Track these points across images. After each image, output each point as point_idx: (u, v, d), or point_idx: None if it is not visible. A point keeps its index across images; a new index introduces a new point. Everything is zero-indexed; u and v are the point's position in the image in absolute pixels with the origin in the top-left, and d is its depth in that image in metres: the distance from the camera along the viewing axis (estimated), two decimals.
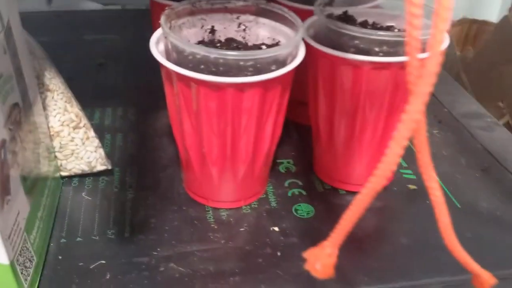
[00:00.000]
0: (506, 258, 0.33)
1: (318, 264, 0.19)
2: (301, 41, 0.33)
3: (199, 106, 0.31)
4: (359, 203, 0.18)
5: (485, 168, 0.41)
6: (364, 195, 0.18)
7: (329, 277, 0.19)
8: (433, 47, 0.16)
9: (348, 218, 0.18)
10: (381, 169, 0.17)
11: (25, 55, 0.32)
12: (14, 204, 0.28)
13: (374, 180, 0.17)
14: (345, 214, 0.19)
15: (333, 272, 0.19)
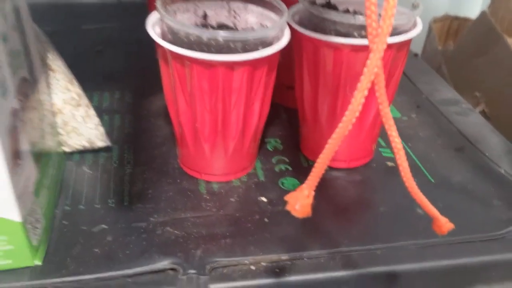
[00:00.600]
0: (473, 224, 0.36)
1: (298, 205, 0.22)
2: (286, 25, 0.36)
3: (192, 84, 0.34)
4: (329, 150, 0.21)
5: (459, 148, 0.45)
6: (334, 140, 0.21)
7: (307, 215, 0.22)
8: (386, 13, 0.19)
9: (321, 163, 0.21)
10: (347, 116, 0.20)
11: (31, 36, 0.35)
12: (25, 168, 0.30)
13: (342, 125, 0.20)
14: (318, 160, 0.21)
15: (310, 211, 0.22)
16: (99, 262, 0.32)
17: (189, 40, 0.34)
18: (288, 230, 0.35)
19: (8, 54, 0.29)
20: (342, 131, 0.21)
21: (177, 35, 0.34)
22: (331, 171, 0.41)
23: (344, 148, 0.41)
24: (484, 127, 0.48)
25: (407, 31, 0.37)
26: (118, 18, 0.66)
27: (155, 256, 0.32)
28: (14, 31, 0.30)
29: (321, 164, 0.21)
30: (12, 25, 0.30)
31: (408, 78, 0.56)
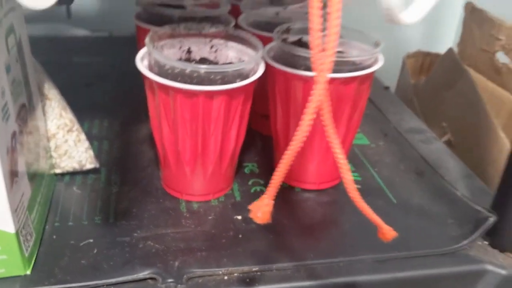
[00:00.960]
0: (428, 240, 0.40)
1: (259, 213, 0.25)
2: (262, 60, 0.40)
3: (176, 111, 0.38)
4: (284, 163, 0.24)
5: (420, 172, 0.49)
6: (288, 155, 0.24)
7: (267, 221, 0.26)
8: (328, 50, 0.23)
9: (278, 175, 0.25)
10: (298, 134, 0.24)
11: (31, 67, 0.38)
12: (20, 185, 0.34)
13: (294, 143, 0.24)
14: (275, 172, 0.25)
15: (270, 218, 0.26)
16: (85, 272, 0.35)
17: (174, 72, 0.38)
18: (259, 245, 0.38)
19: (11, 83, 0.32)
20: (293, 149, 0.24)
21: (163, 68, 0.38)
22: (303, 193, 0.45)
23: (313, 172, 0.45)
24: (445, 154, 0.52)
25: (369, 66, 0.41)
26: (108, 52, 0.70)
27: (137, 267, 0.35)
28: (16, 62, 0.34)
29: (277, 177, 0.25)
30: (14, 57, 0.34)
31: (378, 108, 0.61)
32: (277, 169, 0.25)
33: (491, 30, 0.76)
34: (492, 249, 0.40)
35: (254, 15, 0.50)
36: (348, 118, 0.42)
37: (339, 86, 0.39)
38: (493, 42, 0.75)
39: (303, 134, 0.24)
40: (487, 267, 0.38)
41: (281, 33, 0.43)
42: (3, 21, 0.31)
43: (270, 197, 0.25)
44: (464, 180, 0.48)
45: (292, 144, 0.24)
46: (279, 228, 0.40)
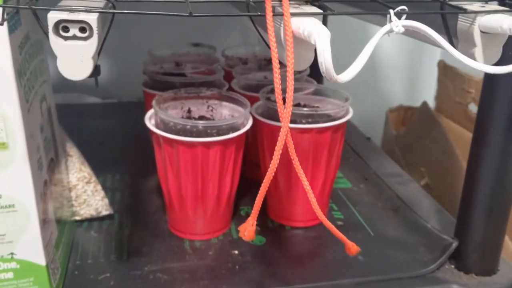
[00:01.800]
0: (401, 266, 0.45)
1: (246, 232, 0.31)
2: (250, 115, 0.48)
3: (179, 161, 0.45)
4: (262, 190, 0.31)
5: (395, 209, 0.55)
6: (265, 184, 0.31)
7: (252, 239, 0.32)
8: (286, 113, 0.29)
9: (258, 200, 0.31)
10: (272, 163, 0.30)
11: (57, 129, 0.46)
12: (50, 226, 0.40)
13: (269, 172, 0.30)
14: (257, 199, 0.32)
15: (254, 237, 0.32)
16: None
17: (177, 128, 0.45)
18: (254, 274, 0.44)
19: (44, 140, 0.40)
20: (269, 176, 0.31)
21: (167, 125, 0.46)
22: (292, 230, 0.51)
23: (300, 211, 0.51)
24: (419, 193, 0.59)
25: (341, 117, 0.48)
26: (117, 115, 0.79)
27: None
28: (47, 124, 0.41)
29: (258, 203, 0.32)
30: (46, 120, 0.41)
31: (360, 157, 0.68)
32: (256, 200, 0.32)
33: (463, 84, 0.84)
34: (457, 271, 0.45)
35: (245, 79, 0.58)
36: (326, 163, 0.49)
37: (316, 135, 0.47)
38: (465, 95, 0.84)
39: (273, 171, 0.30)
40: (453, 287, 0.44)
41: (266, 93, 0.51)
42: (38, 91, 0.39)
43: (253, 218, 0.32)
44: (435, 215, 0.54)
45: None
46: (271, 259, 0.46)
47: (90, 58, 0.26)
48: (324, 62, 0.25)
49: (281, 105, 0.29)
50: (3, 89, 0.32)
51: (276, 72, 0.28)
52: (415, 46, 1.04)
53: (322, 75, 0.25)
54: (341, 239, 0.34)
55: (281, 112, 0.29)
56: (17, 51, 0.33)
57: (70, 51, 0.26)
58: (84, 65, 0.26)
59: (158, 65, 0.60)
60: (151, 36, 0.84)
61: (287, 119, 0.29)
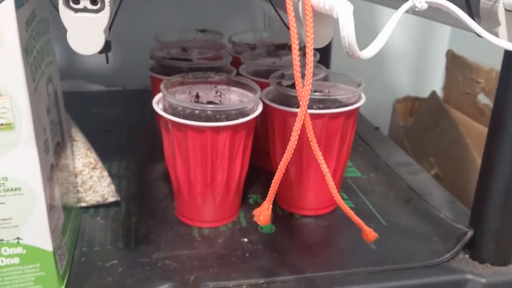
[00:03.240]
0: (415, 255, 0.44)
1: (261, 216, 0.30)
2: (260, 101, 0.47)
3: (188, 146, 0.44)
4: (279, 172, 0.30)
5: (407, 199, 0.54)
6: (282, 166, 0.30)
7: (267, 223, 0.31)
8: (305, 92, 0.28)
9: (274, 183, 0.30)
10: (290, 144, 0.29)
11: (63, 113, 0.45)
12: (56, 211, 0.39)
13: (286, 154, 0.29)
14: (273, 181, 0.31)
15: (270, 221, 0.31)
16: (112, 287, 0.39)
17: (185, 113, 0.44)
18: (264, 262, 0.43)
19: (50, 123, 0.39)
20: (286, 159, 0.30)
21: (176, 110, 0.44)
22: (302, 218, 0.50)
23: (311, 199, 0.50)
24: (430, 183, 0.58)
25: (353, 103, 0.47)
26: (122, 103, 0.78)
27: (157, 281, 0.40)
28: (53, 107, 0.40)
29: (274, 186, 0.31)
30: (52, 102, 0.40)
31: (369, 146, 0.67)
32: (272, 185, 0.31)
33: (471, 74, 0.83)
34: (472, 261, 0.44)
35: (253, 65, 0.57)
36: (338, 150, 0.48)
37: (328, 121, 0.46)
38: (474, 85, 0.82)
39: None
40: (468, 276, 0.43)
41: (277, 78, 0.50)
42: (45, 71, 0.38)
43: (269, 202, 0.31)
44: (447, 205, 0.53)
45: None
46: (282, 248, 0.45)
47: (101, 31, 0.25)
48: (347, 36, 0.24)
49: (300, 82, 0.28)
50: (10, 67, 0.31)
51: (295, 48, 0.26)
52: (422, 36, 1.03)
53: (344, 50, 0.24)
54: (359, 225, 0.33)
55: (299, 90, 0.28)
56: (23, 28, 0.32)
57: (81, 23, 0.25)
58: (95, 39, 0.25)
59: (165, 50, 0.59)
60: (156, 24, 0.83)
61: (306, 98, 0.28)
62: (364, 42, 0.27)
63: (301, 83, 0.28)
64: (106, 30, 0.25)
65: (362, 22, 0.73)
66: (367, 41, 0.27)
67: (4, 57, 0.31)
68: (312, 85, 0.52)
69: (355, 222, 0.33)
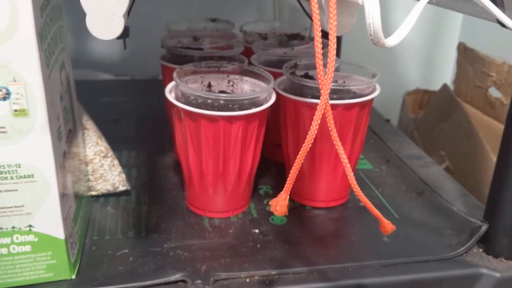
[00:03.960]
0: (428, 248, 0.44)
1: (278, 206, 0.30)
2: (273, 91, 0.46)
3: (200, 135, 0.43)
4: (297, 163, 0.29)
5: (420, 192, 0.53)
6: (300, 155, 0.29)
7: (284, 214, 0.30)
8: (326, 80, 0.28)
9: (292, 175, 0.30)
10: (310, 134, 0.29)
11: (75, 100, 0.44)
12: (68, 199, 0.39)
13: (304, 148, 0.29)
14: (290, 174, 0.30)
15: (287, 211, 0.30)
16: (123, 276, 0.39)
17: (198, 102, 0.43)
18: (276, 253, 0.43)
19: (63, 110, 0.38)
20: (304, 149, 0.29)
21: (188, 99, 0.44)
22: (313, 210, 0.50)
23: (323, 191, 0.50)
24: (442, 176, 0.57)
25: (368, 94, 0.47)
26: (130, 92, 0.77)
27: (169, 271, 0.40)
28: (66, 94, 0.40)
29: (292, 177, 0.30)
30: (65, 89, 0.40)
31: (380, 138, 0.66)
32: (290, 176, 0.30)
33: (483, 68, 0.82)
34: (486, 255, 0.44)
35: (265, 54, 0.57)
36: (352, 141, 0.47)
37: (342, 111, 0.45)
38: (485, 79, 0.82)
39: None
40: (482, 271, 0.42)
41: (290, 68, 0.49)
42: (58, 58, 0.38)
43: (286, 192, 0.30)
44: (460, 198, 0.53)
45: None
46: (294, 239, 0.45)
47: (121, 16, 0.24)
48: (373, 23, 0.23)
49: (322, 71, 0.27)
50: (24, 52, 0.31)
51: (317, 36, 0.26)
52: (432, 28, 1.02)
53: (369, 38, 0.24)
54: (377, 217, 0.33)
55: (321, 80, 0.28)
56: (38, 13, 0.31)
57: (100, 7, 0.24)
58: (114, 23, 0.24)
59: (176, 39, 0.59)
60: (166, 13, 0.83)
61: (327, 86, 0.27)
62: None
63: (322, 71, 0.27)
64: (125, 15, 0.25)
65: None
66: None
67: (19, 41, 0.30)
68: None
69: (373, 213, 0.33)
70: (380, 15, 0.23)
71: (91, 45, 0.84)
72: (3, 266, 0.36)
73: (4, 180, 0.34)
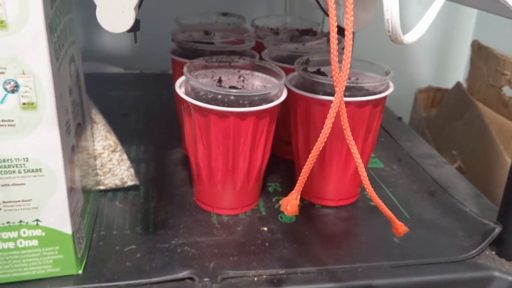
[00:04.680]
0: (440, 250, 0.43)
1: (288, 206, 0.29)
2: (284, 87, 0.45)
3: (210, 131, 0.43)
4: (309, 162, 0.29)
5: (431, 192, 0.52)
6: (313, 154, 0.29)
7: (295, 214, 0.30)
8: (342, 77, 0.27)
9: (303, 174, 0.29)
10: (323, 132, 0.28)
11: (84, 94, 0.44)
12: (76, 193, 0.38)
13: (317, 146, 0.28)
14: (302, 173, 0.29)
15: (297, 211, 0.30)
16: (130, 273, 0.39)
17: (208, 97, 0.43)
18: (285, 252, 0.42)
19: (72, 103, 0.38)
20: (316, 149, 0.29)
21: (198, 94, 0.43)
22: (323, 209, 0.49)
23: (332, 190, 0.49)
24: (454, 176, 0.56)
25: (381, 92, 0.46)
26: (140, 87, 0.77)
27: (176, 268, 0.39)
28: (75, 87, 0.39)
29: (303, 177, 0.29)
30: (74, 82, 0.39)
31: (392, 137, 0.65)
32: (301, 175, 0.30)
33: (497, 66, 0.81)
34: (499, 258, 0.43)
35: (276, 50, 0.56)
36: (363, 140, 0.47)
37: (355, 109, 0.44)
38: (499, 77, 0.80)
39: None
40: (494, 273, 0.41)
41: (302, 63, 0.48)
42: (68, 51, 0.37)
43: (297, 192, 0.30)
44: (472, 199, 0.52)
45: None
46: (302, 238, 0.44)
47: (132, 8, 0.24)
48: (391, 19, 0.22)
49: (337, 68, 0.27)
50: (34, 44, 0.30)
51: (333, 31, 0.25)
52: (446, 25, 1.01)
53: (387, 34, 0.23)
54: (390, 218, 0.32)
55: (336, 77, 0.27)
56: (48, 4, 0.31)
57: None
58: (125, 16, 0.24)
59: (186, 33, 0.58)
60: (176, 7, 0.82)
61: (342, 83, 0.26)
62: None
63: (337, 68, 0.27)
64: (137, 7, 0.24)
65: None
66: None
67: (29, 33, 0.30)
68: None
69: (386, 215, 0.32)
70: (399, 11, 0.22)
71: (101, 38, 0.84)
72: (10, 260, 0.36)
73: (12, 174, 0.34)
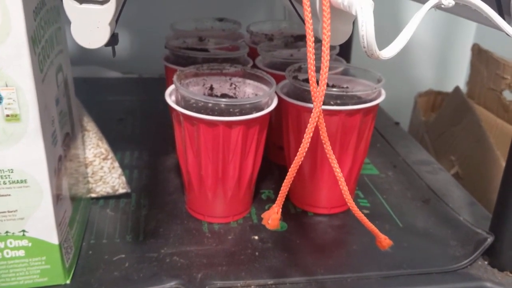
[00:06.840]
0: (431, 259, 0.43)
1: (270, 220, 0.29)
2: (275, 95, 0.45)
3: (199, 140, 0.42)
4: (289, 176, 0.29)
5: (426, 200, 0.52)
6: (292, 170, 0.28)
7: (276, 228, 0.30)
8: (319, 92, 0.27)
9: (284, 187, 0.29)
10: (302, 147, 0.28)
11: (74, 102, 0.44)
12: (64, 203, 0.38)
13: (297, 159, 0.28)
14: (283, 185, 0.29)
15: (278, 225, 0.30)
16: (118, 283, 0.39)
17: (198, 106, 0.43)
18: (274, 262, 0.42)
19: (59, 114, 0.38)
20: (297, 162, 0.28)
21: (188, 102, 0.43)
22: (315, 216, 0.49)
23: (325, 197, 0.49)
24: (450, 184, 0.56)
25: (372, 99, 0.45)
26: (137, 91, 0.77)
27: (164, 278, 0.39)
28: (63, 96, 0.39)
29: (284, 190, 0.29)
30: (62, 92, 0.39)
31: (388, 142, 0.65)
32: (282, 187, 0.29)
33: (497, 70, 0.80)
34: (491, 268, 0.42)
35: (270, 56, 0.56)
36: (355, 148, 0.46)
37: (345, 117, 0.44)
38: (500, 81, 0.79)
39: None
40: (486, 284, 0.41)
41: (293, 71, 0.48)
42: (54, 61, 0.37)
43: (279, 206, 0.30)
44: (467, 207, 0.51)
45: (295, 160, 0.28)
46: (293, 247, 0.44)
47: (107, 24, 0.24)
48: (366, 35, 0.22)
49: (314, 83, 0.26)
50: (16, 57, 0.30)
51: (310, 46, 0.25)
52: (446, 29, 1.00)
53: (363, 50, 0.23)
54: (372, 231, 0.32)
55: (313, 91, 0.27)
56: (31, 17, 0.31)
57: (85, 15, 0.23)
58: (100, 32, 0.24)
59: (180, 40, 0.58)
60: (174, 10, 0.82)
61: (320, 98, 0.26)
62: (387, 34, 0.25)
63: (315, 83, 0.26)
64: (112, 23, 0.24)
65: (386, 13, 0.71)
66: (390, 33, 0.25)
67: (11, 46, 0.30)
68: (329, 79, 0.51)
69: (368, 228, 0.32)
70: (373, 27, 0.22)
71: None
72: None
73: None
